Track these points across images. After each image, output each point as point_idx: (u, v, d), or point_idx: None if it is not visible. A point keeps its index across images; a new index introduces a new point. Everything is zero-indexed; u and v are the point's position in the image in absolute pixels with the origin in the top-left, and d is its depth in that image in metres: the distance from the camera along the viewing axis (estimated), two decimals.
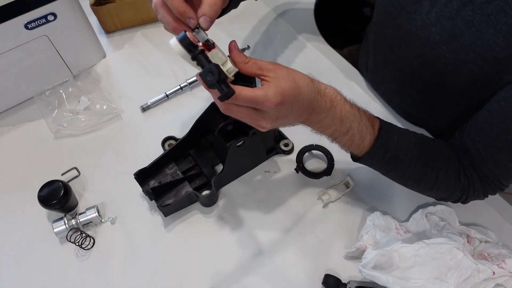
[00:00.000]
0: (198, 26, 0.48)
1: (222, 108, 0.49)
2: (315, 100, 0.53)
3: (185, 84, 0.90)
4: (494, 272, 0.62)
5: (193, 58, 0.47)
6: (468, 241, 0.67)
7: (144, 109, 0.88)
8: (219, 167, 0.78)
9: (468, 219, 0.73)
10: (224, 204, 0.76)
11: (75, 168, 0.79)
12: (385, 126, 0.61)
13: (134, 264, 0.70)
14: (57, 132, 0.85)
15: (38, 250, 0.72)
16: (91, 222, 0.72)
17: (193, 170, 0.77)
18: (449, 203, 0.71)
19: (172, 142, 0.81)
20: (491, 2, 0.55)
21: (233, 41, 0.51)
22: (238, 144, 0.69)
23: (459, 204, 0.68)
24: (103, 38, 1.00)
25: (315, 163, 0.80)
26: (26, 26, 0.76)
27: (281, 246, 0.71)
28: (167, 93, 0.89)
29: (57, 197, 0.69)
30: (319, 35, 1.00)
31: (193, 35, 0.48)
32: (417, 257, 0.62)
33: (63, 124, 0.84)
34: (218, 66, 0.45)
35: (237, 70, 0.50)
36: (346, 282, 0.66)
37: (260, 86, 0.50)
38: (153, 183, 0.74)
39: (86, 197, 0.77)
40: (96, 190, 0.78)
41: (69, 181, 0.76)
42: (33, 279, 0.69)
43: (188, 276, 0.69)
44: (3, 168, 0.81)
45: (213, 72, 0.44)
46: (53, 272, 0.70)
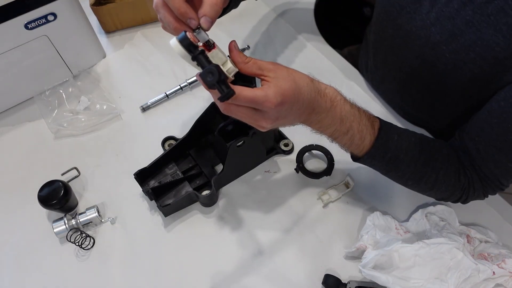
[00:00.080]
0: (199, 27, 0.48)
1: (222, 108, 0.49)
2: (315, 100, 0.53)
3: (185, 84, 0.90)
4: (494, 272, 0.62)
5: (193, 59, 0.47)
6: (468, 241, 0.67)
7: (144, 109, 0.88)
8: (219, 167, 0.78)
9: (468, 219, 0.73)
10: (224, 204, 0.76)
11: (75, 168, 0.79)
12: (385, 126, 0.61)
13: (134, 264, 0.70)
14: (57, 132, 0.85)
15: (38, 250, 0.72)
16: (91, 222, 0.72)
17: (193, 170, 0.77)
18: (449, 203, 0.71)
19: (172, 142, 0.81)
20: (491, 2, 0.55)
21: (233, 41, 0.51)
22: (238, 144, 0.69)
23: (459, 204, 0.68)
24: (103, 38, 1.00)
25: (315, 163, 0.80)
26: (26, 26, 0.76)
27: (281, 246, 0.71)
28: (167, 93, 0.89)
29: (57, 197, 0.69)
30: (319, 35, 1.00)
31: (193, 35, 0.48)
32: (417, 257, 0.62)
33: (63, 124, 0.84)
34: (218, 67, 0.45)
35: (237, 70, 0.50)
36: (346, 282, 0.66)
37: (260, 86, 0.50)
38: (153, 183, 0.74)
39: (86, 197, 0.77)
40: (96, 190, 0.78)
41: (69, 181, 0.76)
42: (33, 279, 0.69)
43: (188, 276, 0.69)
44: (3, 168, 0.81)
45: (213, 73, 0.44)
46: (53, 272, 0.70)
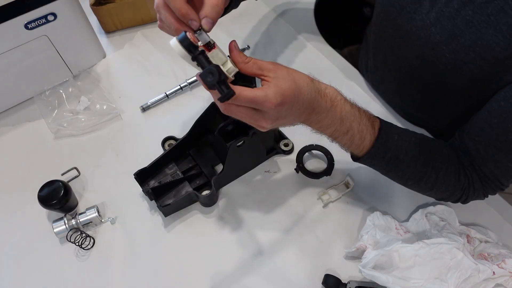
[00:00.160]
0: (200, 28, 0.48)
1: (222, 109, 0.49)
2: (315, 100, 0.53)
3: (185, 84, 0.90)
4: (494, 272, 0.62)
5: (194, 59, 0.47)
6: (468, 241, 0.67)
7: (144, 109, 0.88)
8: (219, 167, 0.78)
9: (468, 219, 0.73)
10: (224, 204, 0.76)
11: (75, 168, 0.79)
12: (385, 126, 0.61)
13: (134, 264, 0.70)
14: (57, 132, 0.85)
15: (38, 250, 0.72)
16: (91, 222, 0.72)
17: (193, 170, 0.77)
18: (449, 203, 0.71)
19: (172, 142, 0.81)
20: (491, 2, 0.55)
21: (233, 41, 0.51)
22: (238, 144, 0.69)
23: (459, 204, 0.68)
24: (103, 38, 1.00)
25: (315, 163, 0.80)
26: (26, 26, 0.76)
27: (281, 246, 0.71)
28: (167, 93, 0.89)
29: (57, 197, 0.69)
30: (319, 35, 1.00)
31: (193, 36, 0.48)
32: (417, 257, 0.62)
33: (63, 124, 0.84)
34: (218, 67, 0.45)
35: (237, 70, 0.50)
36: (346, 282, 0.66)
37: (260, 86, 0.50)
38: (153, 183, 0.74)
39: (86, 197, 0.77)
40: (96, 190, 0.78)
41: (69, 181, 0.76)
42: (33, 279, 0.69)
43: (188, 276, 0.69)
44: (3, 168, 0.81)
45: (213, 73, 0.44)
46: (53, 272, 0.70)
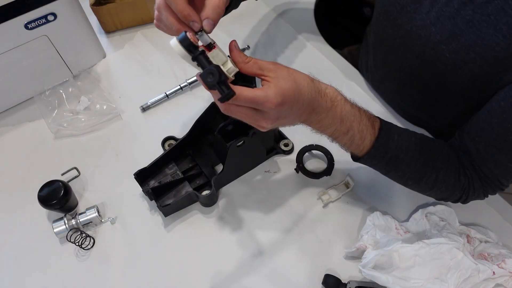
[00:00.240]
0: (202, 29, 0.48)
1: (223, 109, 0.49)
2: (316, 100, 0.53)
3: (185, 84, 0.90)
4: (494, 272, 0.62)
5: (194, 59, 0.47)
6: (468, 241, 0.67)
7: (144, 109, 0.88)
8: (219, 167, 0.78)
9: (468, 219, 0.73)
10: (224, 204, 0.76)
11: (75, 168, 0.79)
12: (386, 126, 0.61)
13: (134, 264, 0.70)
14: (57, 132, 0.85)
15: (38, 250, 0.72)
16: (91, 222, 0.72)
17: (193, 170, 0.77)
18: (449, 203, 0.71)
19: (172, 142, 0.81)
20: (491, 2, 0.55)
21: (234, 41, 0.51)
22: (238, 144, 0.69)
23: (459, 204, 0.68)
24: (103, 38, 1.00)
25: (315, 163, 0.80)
26: (26, 26, 0.76)
27: (281, 246, 0.71)
28: (167, 93, 0.89)
29: (57, 197, 0.69)
30: (319, 35, 1.00)
31: (193, 36, 0.48)
32: (417, 257, 0.62)
33: (63, 124, 0.84)
34: (219, 67, 0.45)
35: (238, 70, 0.50)
36: (346, 282, 0.66)
37: (261, 86, 0.50)
38: (153, 183, 0.74)
39: (86, 197, 0.77)
40: (96, 190, 0.78)
41: (69, 181, 0.76)
42: (33, 279, 0.69)
43: (188, 276, 0.69)
44: (3, 168, 0.81)
45: (214, 73, 0.44)
46: (53, 272, 0.70)
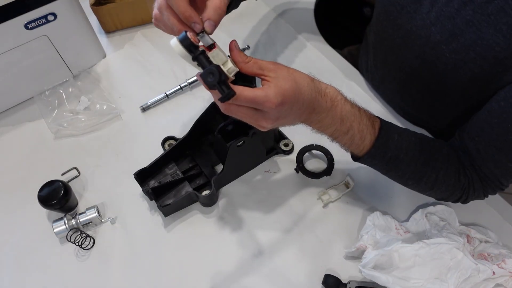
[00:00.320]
0: (203, 30, 0.48)
1: (223, 108, 0.49)
2: (316, 100, 0.53)
3: (185, 84, 0.90)
4: (494, 272, 0.62)
5: (194, 59, 0.47)
6: (468, 241, 0.67)
7: (144, 109, 0.88)
8: (219, 167, 0.78)
9: (468, 219, 0.73)
10: (224, 204, 0.76)
11: (75, 168, 0.79)
12: (386, 126, 0.61)
13: (134, 264, 0.70)
14: (57, 132, 0.85)
15: (38, 250, 0.72)
16: (91, 222, 0.72)
17: (193, 170, 0.77)
18: (449, 203, 0.71)
19: (172, 142, 0.81)
20: (491, 2, 0.55)
21: (234, 41, 0.51)
22: (238, 144, 0.69)
23: (459, 204, 0.68)
24: (103, 38, 1.00)
25: (315, 163, 0.80)
26: (26, 26, 0.76)
27: (281, 246, 0.71)
28: (167, 93, 0.89)
29: (57, 197, 0.69)
30: (319, 35, 1.00)
31: (194, 35, 0.47)
32: (417, 257, 0.62)
33: (63, 124, 0.84)
34: (219, 67, 0.45)
35: (238, 70, 0.50)
36: (346, 282, 0.66)
37: (261, 86, 0.50)
38: (153, 183, 0.74)
39: (86, 197, 0.77)
40: (96, 190, 0.78)
41: (69, 181, 0.76)
42: (33, 279, 0.69)
43: (188, 276, 0.69)
44: (3, 168, 0.81)
45: (214, 73, 0.44)
46: (53, 272, 0.70)
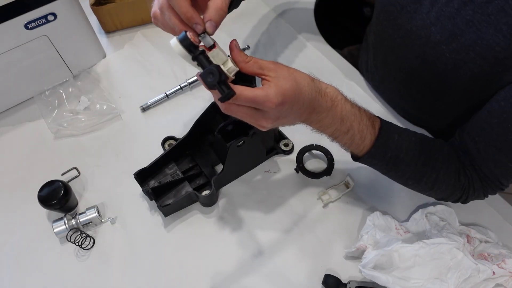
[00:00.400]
0: (205, 31, 0.48)
1: (223, 108, 0.49)
2: (316, 100, 0.53)
3: (185, 84, 0.90)
4: (494, 272, 0.62)
5: (194, 59, 0.47)
6: (468, 241, 0.67)
7: (144, 109, 0.88)
8: (219, 167, 0.78)
9: (468, 219, 0.73)
10: (224, 204, 0.75)
11: (75, 168, 0.79)
12: (386, 126, 0.61)
13: (134, 264, 0.70)
14: (57, 132, 0.85)
15: (38, 250, 0.71)
16: (91, 222, 0.72)
17: (193, 170, 0.77)
18: (449, 203, 0.71)
19: (172, 142, 0.81)
20: (492, 2, 0.55)
21: (234, 40, 0.50)
22: (238, 144, 0.69)
23: (459, 204, 0.68)
24: (103, 38, 1.00)
25: (315, 163, 0.80)
26: (26, 26, 0.76)
27: (281, 246, 0.71)
28: (167, 93, 0.88)
29: (57, 197, 0.69)
30: (319, 35, 1.00)
31: (193, 35, 0.47)
32: (417, 257, 0.62)
33: (63, 124, 0.84)
34: (219, 67, 0.45)
35: (238, 70, 0.50)
36: (346, 282, 0.66)
37: (261, 86, 0.50)
38: (153, 183, 0.74)
39: (86, 197, 0.77)
40: (96, 190, 0.78)
41: (69, 181, 0.76)
42: (33, 279, 0.69)
43: (188, 276, 0.69)
44: (3, 168, 0.81)
45: (214, 73, 0.44)
46: (53, 272, 0.69)
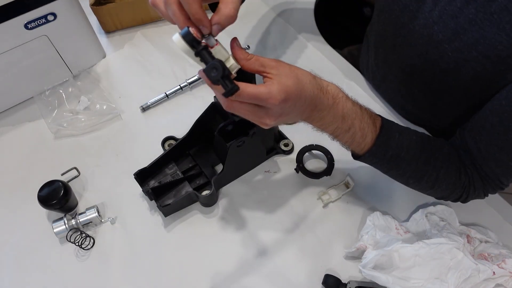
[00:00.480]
0: (210, 33, 0.48)
1: (225, 105, 0.49)
2: (318, 97, 0.53)
3: (185, 84, 0.90)
4: (494, 272, 0.62)
5: (197, 54, 0.46)
6: (468, 241, 0.67)
7: (144, 109, 0.88)
8: (219, 167, 0.78)
9: (468, 219, 0.73)
10: (224, 204, 0.75)
11: (75, 168, 0.79)
12: (387, 124, 0.60)
13: (134, 264, 0.70)
14: (57, 132, 0.84)
15: (38, 250, 0.71)
16: (91, 222, 0.72)
17: (193, 170, 0.76)
18: (449, 203, 0.71)
19: (172, 142, 0.81)
20: (495, 1, 0.55)
21: (235, 38, 0.50)
22: (238, 144, 0.68)
23: (459, 204, 0.68)
24: (103, 38, 1.00)
25: (315, 163, 0.80)
26: (26, 26, 0.76)
27: (281, 246, 0.71)
28: (167, 93, 0.88)
29: (57, 197, 0.69)
30: (319, 35, 1.00)
31: (196, 31, 0.47)
32: (417, 257, 0.62)
33: (63, 124, 0.84)
34: (222, 62, 0.45)
35: (240, 67, 0.50)
36: (346, 282, 0.66)
37: (263, 83, 0.49)
38: (153, 183, 0.74)
39: (86, 197, 0.77)
40: (96, 190, 0.77)
41: (69, 181, 0.76)
42: (33, 279, 0.69)
43: (188, 276, 0.68)
44: (3, 168, 0.81)
45: (217, 68, 0.44)
46: (53, 272, 0.69)
